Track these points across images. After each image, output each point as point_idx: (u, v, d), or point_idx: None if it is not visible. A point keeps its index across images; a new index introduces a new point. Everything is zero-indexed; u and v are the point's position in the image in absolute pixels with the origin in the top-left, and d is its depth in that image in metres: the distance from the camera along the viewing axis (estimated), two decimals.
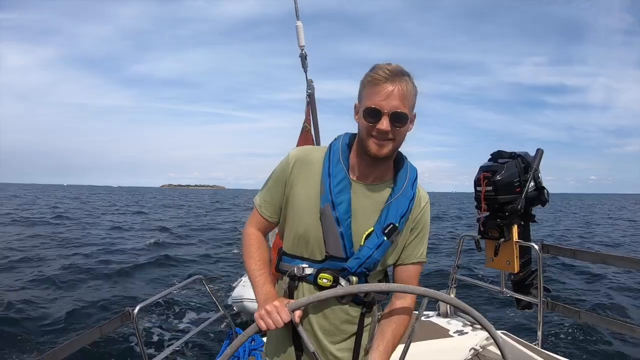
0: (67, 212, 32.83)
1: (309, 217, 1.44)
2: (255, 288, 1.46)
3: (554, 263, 11.22)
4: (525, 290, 3.22)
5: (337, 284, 1.41)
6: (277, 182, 1.52)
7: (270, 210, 1.55)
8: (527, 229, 3.14)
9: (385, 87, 1.31)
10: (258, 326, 1.32)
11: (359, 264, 1.40)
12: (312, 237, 1.44)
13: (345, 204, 1.40)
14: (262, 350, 2.81)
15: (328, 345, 1.48)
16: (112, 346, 6.00)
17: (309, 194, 1.45)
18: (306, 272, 1.44)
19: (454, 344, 3.14)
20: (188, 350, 5.95)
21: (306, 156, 1.50)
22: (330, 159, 1.46)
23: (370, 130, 1.35)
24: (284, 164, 1.51)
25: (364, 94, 1.37)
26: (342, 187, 1.41)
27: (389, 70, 1.32)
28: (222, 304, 3.30)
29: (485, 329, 1.32)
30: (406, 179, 1.48)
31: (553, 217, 34.70)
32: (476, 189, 3.02)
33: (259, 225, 1.59)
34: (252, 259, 1.52)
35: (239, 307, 6.99)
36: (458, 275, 3.66)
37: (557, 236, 20.67)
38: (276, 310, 1.29)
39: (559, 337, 6.45)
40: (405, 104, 1.33)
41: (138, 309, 2.52)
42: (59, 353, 2.08)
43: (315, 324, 1.47)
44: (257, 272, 1.49)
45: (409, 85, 1.34)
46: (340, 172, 1.43)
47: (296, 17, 3.00)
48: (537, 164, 3.02)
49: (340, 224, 1.39)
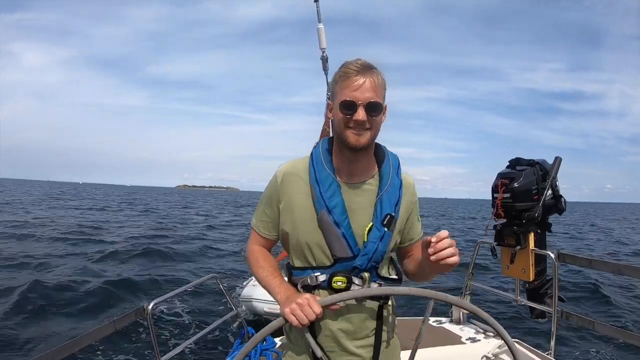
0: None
1: (308, 226, 1.47)
2: (273, 289, 1.48)
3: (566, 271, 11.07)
4: (539, 299, 3.20)
5: (351, 284, 1.44)
6: (270, 201, 1.57)
7: (267, 228, 1.60)
8: (543, 237, 3.12)
9: (357, 80, 1.38)
10: (289, 321, 1.32)
11: (368, 260, 1.44)
12: (315, 244, 1.47)
13: (339, 206, 1.44)
14: (273, 350, 2.83)
15: (349, 343, 1.48)
16: (126, 341, 6.09)
17: (302, 204, 1.49)
18: (319, 279, 1.46)
19: (466, 351, 3.12)
20: (201, 348, 6.00)
21: (292, 169, 1.54)
22: (314, 166, 1.51)
23: (347, 122, 1.41)
24: (273, 182, 1.57)
25: (337, 89, 1.44)
26: (332, 190, 1.46)
27: (359, 64, 1.40)
28: (235, 303, 3.33)
29: (506, 343, 1.34)
30: (390, 169, 1.54)
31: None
32: (493, 195, 3.01)
33: (261, 244, 1.64)
34: (261, 268, 1.56)
35: (248, 306, 7.02)
36: (472, 282, 3.64)
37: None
38: (308, 302, 1.31)
39: (572, 348, 6.35)
40: (378, 95, 1.40)
41: (153, 304, 2.55)
42: (73, 345, 2.12)
43: (334, 325, 1.47)
44: (270, 277, 1.52)
45: (379, 77, 1.42)
46: (327, 177, 1.47)
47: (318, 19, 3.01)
48: (555, 172, 3.01)
49: (340, 226, 1.43)
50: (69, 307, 7.81)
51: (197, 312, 7.84)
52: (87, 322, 7.06)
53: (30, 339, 6.23)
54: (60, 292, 8.41)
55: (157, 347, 2.53)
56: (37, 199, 46.64)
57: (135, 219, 27.89)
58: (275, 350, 2.82)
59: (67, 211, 31.40)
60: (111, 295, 8.63)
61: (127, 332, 6.09)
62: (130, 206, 43.45)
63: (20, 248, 13.40)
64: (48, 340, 6.16)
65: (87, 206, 38.93)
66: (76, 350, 2.13)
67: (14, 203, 36.83)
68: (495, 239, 3.17)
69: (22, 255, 12.12)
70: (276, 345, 2.94)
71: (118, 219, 26.70)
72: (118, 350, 5.88)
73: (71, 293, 8.50)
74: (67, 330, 6.62)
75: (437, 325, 3.54)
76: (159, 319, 7.14)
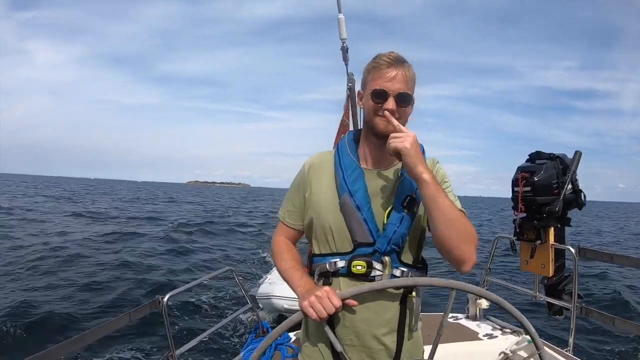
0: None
1: (330, 210, 1.49)
2: (293, 282, 1.48)
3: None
4: (558, 295, 3.14)
5: (371, 269, 1.43)
6: (297, 190, 1.61)
7: (293, 217, 1.63)
8: (562, 232, 3.07)
9: (389, 72, 1.42)
10: (307, 315, 1.31)
11: (387, 241, 1.42)
12: (336, 229, 1.47)
13: (362, 190, 1.46)
14: (288, 345, 2.81)
15: (369, 335, 1.46)
16: (141, 333, 6.16)
17: (326, 190, 1.52)
18: (338, 265, 1.45)
19: (483, 347, 3.08)
20: (215, 341, 6.03)
21: (319, 159, 1.60)
22: (340, 153, 1.56)
23: (377, 111, 1.45)
24: (301, 171, 1.62)
25: (368, 79, 1.48)
26: (355, 175, 1.49)
27: (392, 57, 1.44)
28: (250, 297, 3.32)
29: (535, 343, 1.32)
30: None
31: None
32: (513, 189, 2.97)
33: (286, 235, 1.66)
34: (283, 260, 1.57)
35: (266, 304, 7.00)
36: (490, 278, 3.59)
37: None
38: (327, 295, 1.30)
39: (591, 344, 6.26)
40: (408, 87, 1.44)
41: (168, 297, 2.55)
42: (88, 336, 2.14)
43: (355, 315, 1.45)
44: (292, 269, 1.52)
45: (410, 70, 1.46)
46: (351, 163, 1.52)
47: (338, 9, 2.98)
48: (575, 167, 2.97)
49: (361, 210, 1.44)
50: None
51: (212, 305, 7.90)
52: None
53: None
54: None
55: (172, 339, 2.53)
56: (100, 196, 52.26)
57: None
58: (290, 345, 2.81)
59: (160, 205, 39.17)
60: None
61: (141, 324, 6.15)
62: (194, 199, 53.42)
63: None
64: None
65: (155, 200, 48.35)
66: (91, 341, 2.15)
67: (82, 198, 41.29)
68: (514, 233, 3.12)
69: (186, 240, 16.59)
70: (291, 339, 2.93)
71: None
72: (133, 342, 5.95)
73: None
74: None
75: (454, 321, 3.50)
76: (174, 311, 7.21)
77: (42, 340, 5.72)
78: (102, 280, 9.21)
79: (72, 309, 7.27)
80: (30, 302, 7.29)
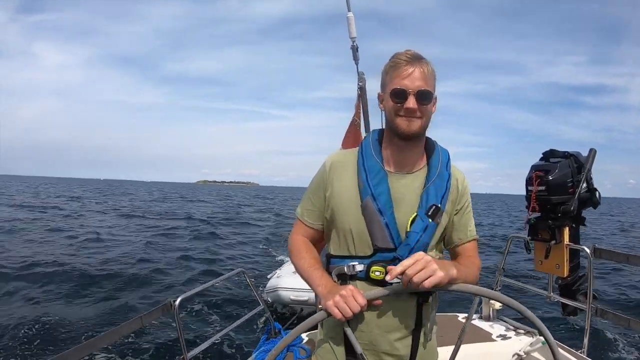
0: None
1: (351, 213, 1.46)
2: (314, 281, 1.45)
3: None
4: (572, 296, 3.11)
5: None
6: (317, 189, 1.57)
7: (312, 217, 1.59)
8: (577, 232, 3.03)
9: (407, 69, 1.39)
10: (332, 314, 1.29)
11: (409, 250, 1.39)
12: (357, 232, 1.45)
13: (385, 194, 1.43)
14: (300, 346, 2.80)
15: (385, 339, 1.45)
16: (153, 336, 6.19)
17: (348, 192, 1.48)
18: (357, 269, 1.43)
19: (497, 348, 3.05)
20: (227, 343, 6.03)
21: (340, 158, 1.56)
22: (363, 155, 1.52)
23: (398, 111, 1.41)
24: (321, 170, 1.57)
25: (387, 79, 1.45)
26: (379, 179, 1.45)
27: (409, 55, 1.42)
28: (262, 298, 3.32)
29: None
30: (439, 162, 1.52)
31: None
32: (527, 188, 2.93)
33: (304, 234, 1.62)
34: (303, 259, 1.54)
35: (273, 296, 7.03)
36: (503, 278, 3.56)
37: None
38: (352, 294, 1.28)
39: (605, 346, 6.18)
40: (428, 84, 1.41)
41: (180, 300, 2.55)
42: (102, 340, 2.14)
43: (372, 321, 1.44)
44: (312, 268, 1.49)
45: (429, 67, 1.42)
46: (375, 165, 1.48)
47: (347, 8, 2.95)
48: (590, 165, 2.93)
49: (384, 214, 1.41)
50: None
51: (224, 306, 7.91)
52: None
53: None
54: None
55: (184, 341, 2.53)
56: (127, 196, 56.51)
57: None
58: (302, 347, 2.80)
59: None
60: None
61: (154, 326, 6.18)
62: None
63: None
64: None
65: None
66: (105, 344, 2.15)
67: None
68: (529, 233, 3.08)
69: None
70: (303, 341, 2.92)
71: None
72: (145, 344, 5.98)
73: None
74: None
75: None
76: (185, 313, 7.24)
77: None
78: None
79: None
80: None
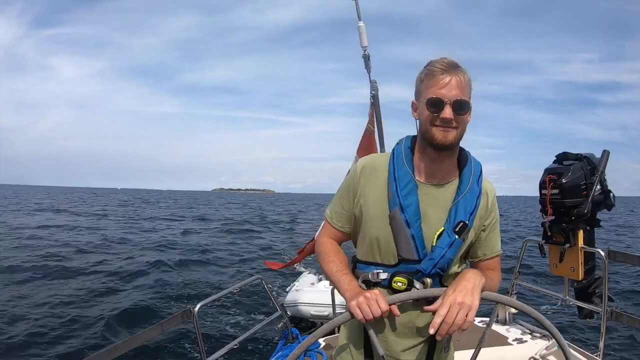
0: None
1: (379, 222, 1.45)
2: (342, 286, 1.44)
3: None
4: (588, 299, 3.09)
5: (411, 287, 1.41)
6: (347, 192, 1.56)
7: (341, 220, 1.59)
8: (592, 234, 3.01)
9: (444, 78, 1.36)
10: (354, 315, 1.30)
11: (433, 265, 1.40)
12: (383, 241, 1.45)
13: (413, 206, 1.41)
14: (317, 351, 2.83)
15: (400, 348, 1.46)
16: (172, 342, 6.26)
17: (377, 200, 1.47)
18: (380, 277, 1.44)
19: (513, 352, 3.05)
20: (245, 349, 6.06)
21: (372, 163, 1.54)
22: (395, 163, 1.48)
23: (434, 121, 1.38)
24: (352, 174, 1.55)
25: (422, 88, 1.42)
26: (409, 189, 1.43)
27: (445, 63, 1.38)
28: (279, 304, 3.36)
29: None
30: (471, 175, 1.49)
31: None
32: (541, 192, 2.92)
33: (332, 236, 1.62)
34: (332, 263, 1.53)
35: (293, 311, 6.95)
36: (519, 281, 3.55)
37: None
38: (375, 298, 1.29)
39: (621, 349, 6.08)
40: (464, 93, 1.38)
41: (199, 307, 2.60)
42: (122, 347, 2.19)
43: (388, 327, 1.46)
44: (340, 273, 1.49)
45: (465, 76, 1.39)
46: (405, 175, 1.45)
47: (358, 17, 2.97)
48: (604, 166, 2.90)
49: (411, 226, 1.40)
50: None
51: (241, 313, 7.96)
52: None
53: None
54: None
55: (204, 347, 2.57)
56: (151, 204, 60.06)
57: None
58: (319, 352, 2.82)
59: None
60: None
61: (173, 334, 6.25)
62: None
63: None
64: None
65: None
66: (125, 351, 2.20)
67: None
68: (543, 236, 3.07)
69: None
70: (320, 345, 2.94)
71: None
72: (165, 351, 6.05)
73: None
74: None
75: (483, 325, 3.46)
76: (204, 320, 7.28)
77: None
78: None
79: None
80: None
